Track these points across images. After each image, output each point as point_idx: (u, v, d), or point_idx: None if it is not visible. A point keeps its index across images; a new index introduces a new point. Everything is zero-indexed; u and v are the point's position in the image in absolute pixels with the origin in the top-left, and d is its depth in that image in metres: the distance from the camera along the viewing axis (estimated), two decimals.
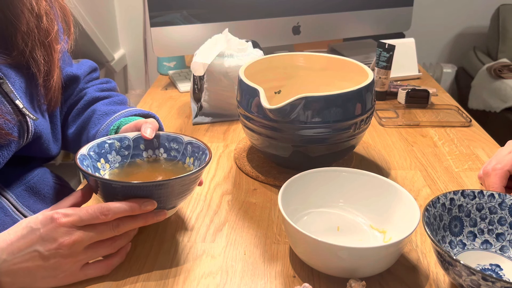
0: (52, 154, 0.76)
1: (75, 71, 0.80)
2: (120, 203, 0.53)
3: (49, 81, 0.68)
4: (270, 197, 0.73)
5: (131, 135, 0.66)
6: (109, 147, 0.64)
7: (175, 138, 0.66)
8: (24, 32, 0.64)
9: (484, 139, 0.92)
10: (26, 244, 0.51)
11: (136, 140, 0.66)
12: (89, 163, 0.61)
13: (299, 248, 0.56)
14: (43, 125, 0.69)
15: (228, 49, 0.97)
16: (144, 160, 0.66)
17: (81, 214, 0.52)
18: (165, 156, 0.67)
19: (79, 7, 1.59)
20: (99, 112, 0.77)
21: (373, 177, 0.64)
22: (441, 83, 2.45)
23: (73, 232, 0.51)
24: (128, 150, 0.66)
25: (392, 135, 0.93)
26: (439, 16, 2.44)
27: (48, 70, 0.68)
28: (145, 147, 0.67)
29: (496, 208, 0.59)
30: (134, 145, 0.66)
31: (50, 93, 0.69)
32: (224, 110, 1.00)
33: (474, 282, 0.47)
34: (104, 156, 0.64)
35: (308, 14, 1.29)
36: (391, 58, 1.07)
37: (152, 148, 0.67)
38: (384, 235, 0.61)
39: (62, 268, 0.52)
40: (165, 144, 0.67)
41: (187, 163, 0.65)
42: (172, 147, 0.66)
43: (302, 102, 0.65)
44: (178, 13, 1.15)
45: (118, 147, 0.65)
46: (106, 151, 0.64)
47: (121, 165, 0.65)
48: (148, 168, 0.65)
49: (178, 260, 0.59)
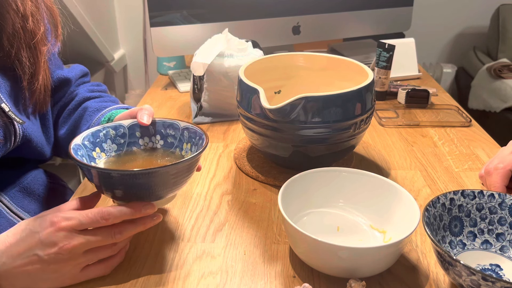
0: (46, 156, 0.75)
1: (66, 74, 0.79)
2: (121, 207, 0.52)
3: (33, 84, 0.66)
4: (270, 197, 0.73)
5: (126, 123, 0.64)
6: (104, 135, 0.63)
7: (171, 124, 0.65)
8: (10, 34, 0.62)
9: (484, 139, 0.92)
10: (26, 248, 0.50)
11: (131, 127, 0.65)
12: (84, 153, 0.59)
13: (299, 248, 0.56)
14: (32, 128, 0.68)
15: (228, 49, 0.97)
16: (141, 148, 0.65)
17: (81, 218, 0.51)
18: (161, 143, 0.65)
19: (79, 7, 1.59)
20: (90, 109, 0.76)
21: (373, 177, 0.64)
22: (441, 83, 2.45)
23: (73, 237, 0.51)
24: (124, 138, 0.64)
25: (392, 135, 0.93)
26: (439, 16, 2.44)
27: (33, 72, 0.66)
28: (141, 135, 0.65)
29: (496, 208, 0.59)
30: (129, 133, 0.64)
31: (34, 96, 0.68)
32: (224, 110, 1.00)
33: (474, 282, 0.47)
34: (99, 145, 0.62)
35: (308, 14, 1.29)
36: (391, 58, 1.07)
37: (148, 135, 0.65)
38: (384, 235, 0.61)
39: (62, 271, 0.52)
40: (161, 130, 0.65)
41: (184, 149, 0.64)
42: (169, 134, 0.65)
43: (302, 102, 0.65)
44: (178, 13, 1.15)
45: (113, 136, 0.63)
46: (101, 140, 0.62)
47: (117, 154, 0.63)
48: (145, 156, 0.64)
49: (178, 260, 0.59)
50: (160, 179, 0.54)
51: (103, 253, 0.54)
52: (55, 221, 0.51)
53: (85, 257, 0.52)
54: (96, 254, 0.53)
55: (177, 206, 0.70)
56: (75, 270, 0.53)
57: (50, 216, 0.52)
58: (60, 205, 0.56)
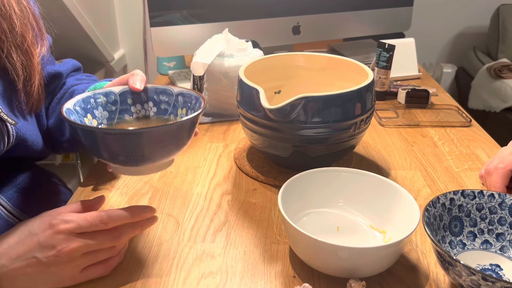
0: (43, 154, 0.75)
1: (58, 69, 0.78)
2: (120, 211, 0.52)
3: (30, 87, 0.65)
4: (270, 197, 0.73)
5: (117, 89, 0.62)
6: (94, 102, 0.60)
7: (164, 90, 0.63)
8: None
9: (484, 139, 0.92)
10: (25, 250, 0.50)
11: (122, 94, 0.62)
12: (76, 118, 0.56)
13: (299, 248, 0.56)
14: (27, 127, 0.67)
15: (228, 49, 0.97)
16: (133, 116, 0.62)
17: (80, 221, 0.51)
18: (155, 110, 0.63)
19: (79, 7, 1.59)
20: (77, 91, 0.74)
21: (373, 177, 0.64)
22: (441, 83, 2.45)
23: (72, 240, 0.51)
24: (115, 105, 0.61)
25: (392, 135, 0.93)
26: (439, 16, 2.44)
27: (28, 76, 0.65)
28: (133, 102, 0.62)
29: (496, 208, 0.59)
30: (121, 100, 0.62)
31: (31, 99, 0.67)
32: (224, 110, 1.00)
33: (474, 282, 0.47)
34: (91, 111, 0.59)
35: (308, 14, 1.29)
36: (391, 58, 1.07)
37: (141, 102, 0.62)
38: (384, 235, 0.61)
39: (61, 273, 0.52)
40: (154, 97, 0.63)
41: (179, 115, 0.62)
42: (162, 100, 0.62)
43: (302, 102, 0.65)
44: (178, 13, 1.15)
45: (104, 102, 0.61)
46: (92, 106, 0.59)
47: (109, 124, 0.61)
48: (139, 126, 0.62)
49: (178, 260, 0.59)
50: (150, 140, 0.51)
51: (102, 255, 0.54)
52: (54, 223, 0.51)
53: (84, 259, 0.52)
54: (95, 256, 0.53)
55: (177, 206, 0.70)
56: (74, 271, 0.53)
57: (49, 218, 0.51)
58: (61, 207, 0.55)
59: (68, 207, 0.55)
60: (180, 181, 0.77)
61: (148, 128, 0.50)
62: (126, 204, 0.71)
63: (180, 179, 0.77)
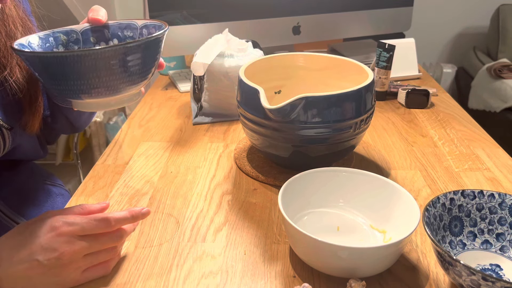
0: (41, 154, 0.74)
1: None
2: (123, 213, 0.54)
3: (33, 102, 0.64)
4: (270, 197, 0.73)
5: (79, 28, 0.58)
6: (54, 40, 0.56)
7: (128, 25, 0.60)
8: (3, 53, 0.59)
9: (484, 139, 0.92)
10: (26, 252, 0.50)
11: (84, 32, 0.59)
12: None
13: (299, 248, 0.56)
14: (22, 133, 0.66)
15: (228, 49, 0.97)
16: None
17: (84, 224, 0.51)
18: None
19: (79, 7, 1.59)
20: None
21: (373, 177, 0.64)
22: (441, 83, 2.45)
23: (74, 242, 0.51)
24: (77, 44, 0.58)
25: (392, 135, 0.93)
26: (439, 16, 2.44)
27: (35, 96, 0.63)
28: (96, 40, 0.59)
29: (496, 208, 0.59)
30: (83, 38, 0.59)
31: (36, 114, 0.65)
32: (224, 110, 1.00)
33: (474, 282, 0.47)
34: (50, 50, 0.56)
35: (308, 14, 1.29)
36: (391, 58, 1.07)
37: (105, 40, 0.59)
38: (384, 235, 0.61)
39: (63, 275, 0.52)
40: (118, 33, 0.60)
41: None
42: (127, 36, 0.60)
43: (302, 102, 0.65)
44: (178, 13, 1.15)
45: (65, 41, 0.57)
46: (51, 45, 0.56)
47: None
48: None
49: (178, 260, 0.59)
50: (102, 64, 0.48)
51: (103, 256, 0.54)
52: (56, 226, 0.51)
53: (85, 260, 0.53)
54: (97, 257, 0.54)
55: (177, 206, 0.70)
56: (76, 273, 0.53)
57: (51, 220, 0.51)
58: (62, 209, 0.56)
59: (69, 210, 0.55)
60: (180, 181, 0.77)
61: (97, 49, 0.46)
62: (127, 204, 0.71)
63: (180, 179, 0.78)
